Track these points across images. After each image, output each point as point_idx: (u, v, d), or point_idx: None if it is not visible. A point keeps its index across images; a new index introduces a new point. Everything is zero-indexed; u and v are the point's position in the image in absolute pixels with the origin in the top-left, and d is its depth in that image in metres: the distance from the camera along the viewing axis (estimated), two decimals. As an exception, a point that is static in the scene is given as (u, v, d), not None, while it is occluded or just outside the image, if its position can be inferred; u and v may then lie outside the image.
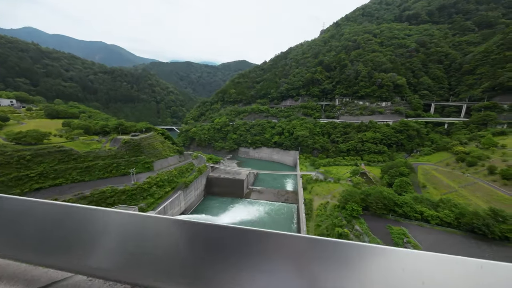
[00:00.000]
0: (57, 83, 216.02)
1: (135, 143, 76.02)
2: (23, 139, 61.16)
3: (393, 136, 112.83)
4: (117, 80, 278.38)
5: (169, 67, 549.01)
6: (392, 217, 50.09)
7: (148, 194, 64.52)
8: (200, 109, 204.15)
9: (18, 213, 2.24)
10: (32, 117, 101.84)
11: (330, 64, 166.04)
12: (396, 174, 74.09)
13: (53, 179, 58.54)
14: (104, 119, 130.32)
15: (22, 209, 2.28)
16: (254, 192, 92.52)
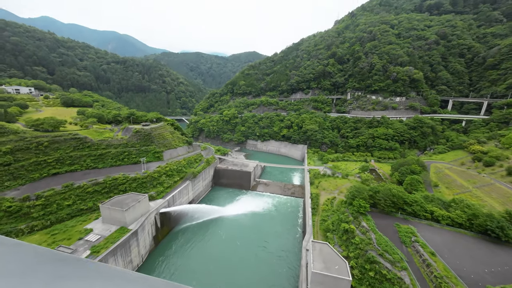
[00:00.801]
0: (72, 72, 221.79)
1: (146, 133, 77.67)
2: (41, 126, 63.82)
3: (406, 133, 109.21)
4: (129, 70, 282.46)
5: (179, 58, 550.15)
6: (401, 216, 49.16)
7: (158, 182, 66.34)
8: (209, 101, 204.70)
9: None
10: (49, 105, 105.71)
11: (343, 57, 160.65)
12: (407, 172, 72.16)
13: (69, 165, 61.19)
14: (116, 108, 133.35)
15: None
16: (261, 185, 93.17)
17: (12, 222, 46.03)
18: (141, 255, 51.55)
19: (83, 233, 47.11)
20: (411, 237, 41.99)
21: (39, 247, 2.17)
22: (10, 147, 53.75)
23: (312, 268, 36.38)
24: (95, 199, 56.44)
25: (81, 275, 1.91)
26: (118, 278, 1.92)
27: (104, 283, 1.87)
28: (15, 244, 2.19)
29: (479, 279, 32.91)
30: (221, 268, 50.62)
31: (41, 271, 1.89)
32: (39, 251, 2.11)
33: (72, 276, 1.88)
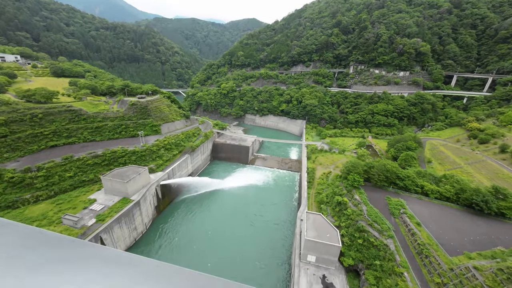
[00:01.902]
0: (59, 38, 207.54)
1: (142, 106, 76.00)
2: (32, 97, 61.80)
3: (406, 109, 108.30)
4: (120, 38, 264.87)
5: (173, 24, 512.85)
6: (392, 190, 51.35)
7: (157, 156, 67.08)
8: (206, 73, 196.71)
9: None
10: (38, 74, 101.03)
11: (348, 26, 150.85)
12: (403, 148, 73.38)
13: (66, 138, 60.90)
14: (109, 79, 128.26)
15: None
16: (259, 159, 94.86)
17: (16, 192, 47.37)
18: (144, 223, 54.47)
19: (87, 203, 49.00)
20: (400, 209, 44.44)
21: (29, 227, 2.08)
22: (4, 119, 52.70)
23: (306, 236, 39.06)
24: (95, 171, 57.47)
25: (74, 258, 1.83)
26: (113, 259, 1.87)
27: (99, 265, 1.80)
28: (3, 224, 2.07)
29: (458, 246, 35.81)
30: (219, 235, 54.16)
31: (30, 254, 1.79)
32: (29, 232, 2.01)
33: (64, 259, 1.79)
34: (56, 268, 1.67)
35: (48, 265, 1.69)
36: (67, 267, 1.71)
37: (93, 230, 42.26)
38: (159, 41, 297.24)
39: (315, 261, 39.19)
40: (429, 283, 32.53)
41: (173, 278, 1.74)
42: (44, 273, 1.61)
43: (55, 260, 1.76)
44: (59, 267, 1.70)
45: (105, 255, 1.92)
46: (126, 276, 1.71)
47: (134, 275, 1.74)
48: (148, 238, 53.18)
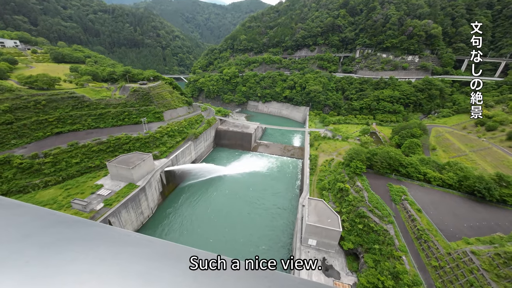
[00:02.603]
0: (57, 22, 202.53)
1: (144, 92, 75.47)
2: (35, 83, 61.61)
3: (413, 95, 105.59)
4: (119, 21, 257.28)
5: (173, 6, 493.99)
6: (395, 177, 51.51)
7: (160, 143, 67.65)
8: (208, 58, 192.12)
9: None
10: (39, 60, 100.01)
11: (356, 7, 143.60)
12: (408, 135, 72.53)
13: (70, 125, 61.43)
14: (110, 65, 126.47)
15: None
16: (262, 146, 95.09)
17: (26, 177, 48.82)
18: (150, 207, 56.22)
19: (94, 188, 50.43)
20: (401, 196, 44.83)
21: (40, 208, 2.14)
22: (8, 105, 53.04)
23: (307, 220, 40.03)
24: (101, 157, 58.50)
25: (83, 237, 1.88)
26: (122, 239, 1.92)
27: (109, 244, 1.84)
28: (15, 205, 2.13)
29: (457, 232, 36.44)
30: (223, 219, 55.85)
31: (41, 234, 1.85)
32: (40, 213, 2.07)
33: (74, 239, 1.84)
34: (67, 247, 1.72)
35: (59, 244, 1.74)
36: (78, 245, 1.76)
37: (101, 214, 43.85)
38: (159, 24, 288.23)
39: (315, 245, 40.46)
40: (426, 266, 33.56)
41: (182, 257, 1.77)
42: (55, 252, 1.65)
43: (66, 239, 1.81)
44: (70, 246, 1.75)
45: (114, 235, 1.97)
46: (135, 255, 1.75)
47: (142, 254, 1.78)
48: (154, 222, 55.13)
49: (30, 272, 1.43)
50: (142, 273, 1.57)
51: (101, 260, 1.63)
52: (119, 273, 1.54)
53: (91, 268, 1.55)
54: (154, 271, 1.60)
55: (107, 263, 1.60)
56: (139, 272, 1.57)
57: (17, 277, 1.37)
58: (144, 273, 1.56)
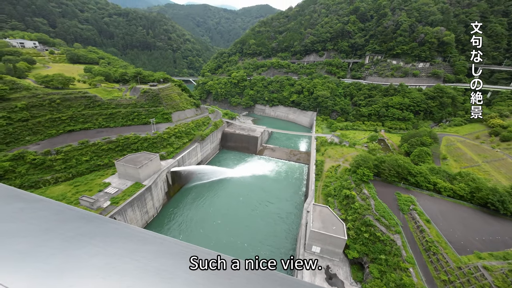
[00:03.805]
0: (74, 24, 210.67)
1: (153, 93, 77.04)
2: (50, 83, 63.99)
3: (423, 103, 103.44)
4: (132, 24, 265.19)
5: (185, 10, 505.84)
6: (403, 185, 50.28)
7: (167, 143, 68.59)
8: (217, 61, 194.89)
9: None
10: (56, 61, 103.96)
11: (366, 13, 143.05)
12: (417, 143, 70.88)
13: (82, 123, 63.25)
14: (122, 66, 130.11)
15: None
16: (268, 150, 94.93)
17: (38, 173, 50.36)
18: (155, 207, 56.78)
19: (102, 186, 51.44)
20: (409, 205, 43.64)
21: (60, 203, 2.21)
22: (25, 103, 55.21)
23: (311, 227, 39.44)
24: (110, 156, 59.77)
25: (102, 233, 1.95)
26: (138, 237, 1.98)
27: (125, 241, 1.90)
28: (37, 200, 2.20)
29: (468, 245, 35.03)
30: (226, 221, 55.72)
31: (63, 228, 1.91)
32: (61, 208, 2.15)
33: (93, 234, 1.90)
34: (88, 241, 1.78)
35: (79, 238, 1.80)
36: (98, 241, 1.82)
37: (108, 211, 44.58)
38: (171, 28, 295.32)
39: (319, 252, 39.74)
40: (435, 279, 32.32)
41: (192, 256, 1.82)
42: (78, 246, 1.70)
43: (86, 234, 1.87)
44: (91, 240, 1.81)
45: (129, 232, 2.04)
46: (151, 252, 1.80)
47: (157, 252, 1.83)
48: (158, 222, 55.60)
49: (55, 263, 1.47)
50: (159, 270, 1.60)
51: (120, 256, 1.66)
52: (138, 269, 1.56)
53: (111, 263, 1.58)
54: (170, 268, 1.64)
55: (125, 259, 1.63)
56: (156, 269, 1.59)
57: (45, 267, 1.41)
58: (161, 271, 1.59)
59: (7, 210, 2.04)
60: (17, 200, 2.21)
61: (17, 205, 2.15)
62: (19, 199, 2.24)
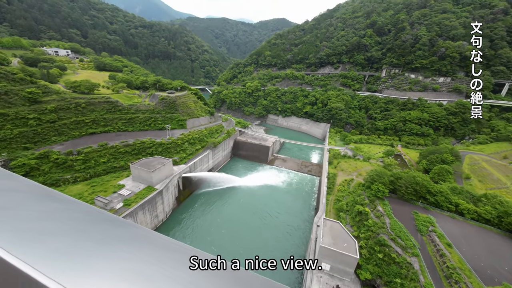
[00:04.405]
0: (103, 35, 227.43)
1: (171, 101, 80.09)
2: (78, 88, 68.70)
3: (444, 118, 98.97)
4: (156, 35, 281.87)
5: (205, 23, 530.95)
6: (421, 205, 47.45)
7: (181, 149, 70.22)
8: (233, 71, 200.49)
9: None
10: (84, 68, 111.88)
11: (383, 27, 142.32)
12: (437, 160, 67.30)
13: (103, 126, 66.66)
14: (143, 74, 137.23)
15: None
16: (279, 160, 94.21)
17: (59, 172, 53.16)
18: (165, 211, 57.49)
19: (116, 188, 53.15)
20: (428, 226, 40.92)
21: (90, 205, 2.30)
22: (54, 106, 59.43)
23: (321, 242, 37.91)
24: (126, 158, 62.04)
25: (129, 238, 1.97)
26: (162, 244, 1.99)
27: (151, 248, 1.90)
28: (69, 201, 2.30)
29: (496, 275, 31.92)
30: (232, 230, 55.02)
31: (93, 230, 1.97)
32: (91, 210, 2.23)
33: (121, 238, 1.94)
34: (117, 245, 1.79)
35: (109, 241, 1.82)
36: (125, 245, 1.82)
37: (120, 213, 45.72)
38: (191, 39, 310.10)
39: (329, 270, 37.88)
40: (457, 311, 29.54)
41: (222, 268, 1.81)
42: (108, 248, 1.72)
43: (114, 237, 1.90)
44: (119, 244, 1.82)
45: (154, 238, 2.05)
46: (177, 261, 1.80)
47: (183, 261, 1.81)
48: (167, 226, 56.06)
49: (91, 264, 1.48)
50: (186, 281, 1.58)
51: (147, 262, 1.64)
52: (165, 277, 1.55)
53: (139, 268, 1.56)
54: (197, 280, 1.62)
55: (153, 266, 1.61)
56: (183, 280, 1.58)
57: (81, 266, 1.43)
58: (188, 282, 1.58)
59: (43, 209, 2.14)
60: (52, 200, 2.31)
61: (51, 205, 2.25)
62: (53, 199, 2.33)
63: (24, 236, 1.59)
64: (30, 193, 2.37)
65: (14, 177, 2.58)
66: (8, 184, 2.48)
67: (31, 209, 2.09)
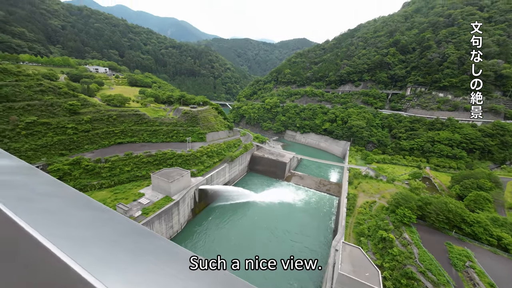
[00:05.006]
0: (137, 55, 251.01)
1: (193, 115, 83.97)
2: (111, 101, 75.22)
3: (479, 140, 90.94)
4: (183, 55, 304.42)
5: (229, 44, 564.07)
6: (455, 235, 42.55)
7: (199, 161, 72.02)
8: (253, 88, 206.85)
9: None
10: (119, 83, 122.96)
11: (407, 46, 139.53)
12: (473, 186, 60.97)
13: (130, 137, 71.27)
14: (170, 90, 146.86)
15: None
16: (296, 177, 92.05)
17: (88, 178, 56.96)
18: (180, 223, 57.98)
19: (137, 196, 55.26)
20: (465, 261, 36.24)
21: (122, 216, 2.36)
22: (90, 117, 65.34)
23: (340, 269, 35.14)
24: (147, 168, 64.91)
25: (156, 251, 1.97)
26: (186, 260, 1.95)
27: (177, 262, 1.88)
28: (104, 210, 2.38)
29: (554, 329, 26.75)
30: (244, 247, 53.29)
31: (125, 241, 1.98)
32: (123, 220, 2.26)
33: (149, 250, 1.93)
34: (145, 257, 1.78)
35: (139, 253, 1.81)
36: (153, 257, 1.81)
37: (138, 221, 47.01)
38: (215, 58, 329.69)
39: (348, 301, 34.56)
40: None
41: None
42: (139, 260, 1.70)
43: (142, 249, 1.87)
44: (147, 256, 1.81)
45: (180, 253, 2.04)
46: (204, 281, 1.74)
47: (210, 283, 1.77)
48: (181, 238, 56.17)
49: (126, 275, 1.47)
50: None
51: (174, 277, 1.62)
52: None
53: (167, 283, 1.53)
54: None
55: (180, 283, 1.58)
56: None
57: (117, 278, 1.42)
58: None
59: (82, 216, 2.24)
60: (90, 208, 2.41)
61: (89, 213, 2.34)
62: (91, 207, 2.41)
63: (68, 241, 1.60)
64: (71, 200, 2.47)
65: (57, 184, 2.79)
66: (54, 190, 2.62)
67: (71, 215, 2.17)
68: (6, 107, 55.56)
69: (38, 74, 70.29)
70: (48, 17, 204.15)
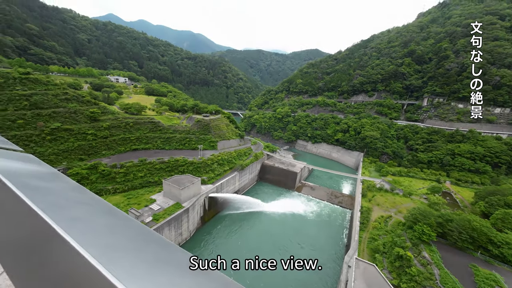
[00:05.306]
0: (155, 66, 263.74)
1: (205, 123, 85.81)
2: (129, 109, 78.78)
3: (505, 154, 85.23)
4: (198, 66, 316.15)
5: (241, 55, 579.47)
6: (481, 256, 39.27)
7: (210, 169, 72.71)
8: (264, 97, 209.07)
9: None
10: (136, 92, 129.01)
11: (423, 56, 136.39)
12: (499, 203, 56.61)
13: (144, 144, 73.69)
14: (184, 99, 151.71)
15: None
16: (306, 187, 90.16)
17: (103, 183, 59.02)
18: (189, 230, 58.02)
19: (148, 202, 56.28)
20: (493, 286, 33.16)
21: (141, 224, 2.38)
22: (108, 124, 68.58)
23: (353, 287, 33.33)
24: (160, 175, 66.33)
25: (175, 262, 1.96)
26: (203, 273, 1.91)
27: (194, 275, 1.85)
28: (124, 217, 2.41)
29: None
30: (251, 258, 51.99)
31: (145, 250, 1.98)
32: (142, 230, 2.27)
33: (168, 261, 1.93)
34: (164, 268, 1.76)
35: (158, 265, 1.79)
36: (172, 269, 1.82)
37: (148, 227, 47.56)
38: (228, 69, 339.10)
39: (362, 323, 32.48)
40: None
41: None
42: (159, 272, 1.68)
43: (162, 260, 1.87)
44: (166, 267, 1.79)
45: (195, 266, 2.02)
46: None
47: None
48: (189, 246, 55.98)
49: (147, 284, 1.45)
50: None
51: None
52: None
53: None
54: None
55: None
56: None
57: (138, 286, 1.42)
58: None
59: (105, 223, 2.27)
60: (112, 215, 2.46)
61: (111, 220, 2.38)
62: (110, 214, 2.46)
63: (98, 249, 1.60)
64: (95, 207, 2.53)
65: (81, 189, 2.92)
66: (81, 197, 2.71)
67: (96, 222, 2.21)
68: (35, 113, 59.78)
69: (65, 84, 75.50)
70: (76, 31, 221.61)
